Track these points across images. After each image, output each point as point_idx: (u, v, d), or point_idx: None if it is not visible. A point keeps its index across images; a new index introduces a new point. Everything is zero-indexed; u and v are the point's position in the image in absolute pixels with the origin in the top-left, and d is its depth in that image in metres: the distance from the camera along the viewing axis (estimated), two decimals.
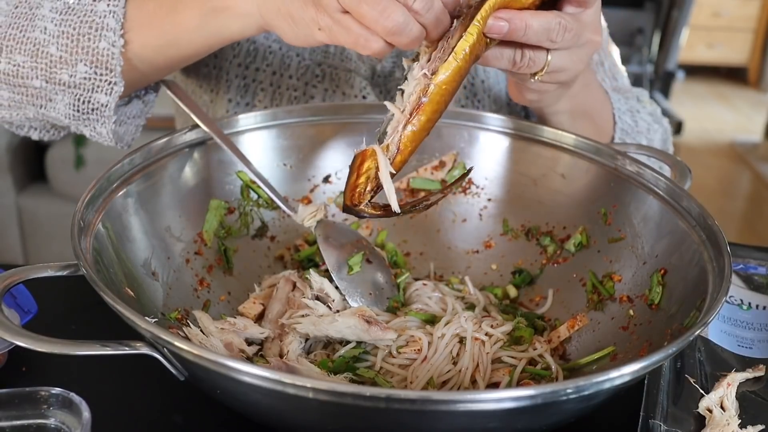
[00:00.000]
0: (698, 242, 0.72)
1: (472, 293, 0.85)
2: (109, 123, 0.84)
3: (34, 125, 0.91)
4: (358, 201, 0.68)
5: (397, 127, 0.68)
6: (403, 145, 0.68)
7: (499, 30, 0.70)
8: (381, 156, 0.67)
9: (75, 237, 0.64)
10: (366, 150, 0.68)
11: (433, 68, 0.68)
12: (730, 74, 5.49)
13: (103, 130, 0.85)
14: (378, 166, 0.67)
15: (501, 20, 0.69)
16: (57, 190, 2.43)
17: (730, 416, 0.64)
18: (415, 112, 0.67)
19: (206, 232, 0.83)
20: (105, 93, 0.82)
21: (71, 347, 0.57)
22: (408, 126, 0.68)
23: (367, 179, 0.68)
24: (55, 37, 0.80)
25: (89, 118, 0.84)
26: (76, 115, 0.84)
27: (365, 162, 0.68)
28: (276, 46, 1.04)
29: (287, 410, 0.58)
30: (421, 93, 0.67)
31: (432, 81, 0.67)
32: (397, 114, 0.68)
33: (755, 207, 3.79)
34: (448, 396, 0.53)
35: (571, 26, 0.74)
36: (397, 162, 0.68)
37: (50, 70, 0.81)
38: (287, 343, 0.74)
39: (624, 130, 0.99)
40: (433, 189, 0.92)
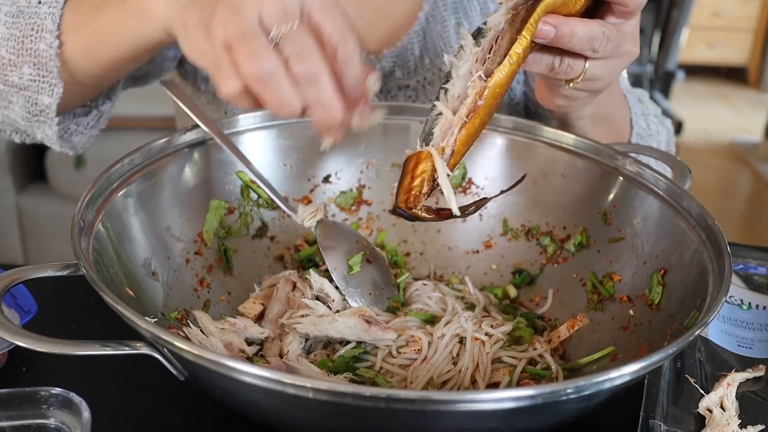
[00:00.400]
0: (698, 242, 0.72)
1: (472, 293, 0.85)
2: (53, 125, 0.85)
3: (8, 128, 0.91)
4: (413, 204, 0.67)
5: (451, 129, 0.67)
6: (457, 148, 0.67)
7: (546, 35, 0.70)
8: (438, 159, 0.66)
9: (75, 237, 0.64)
10: (421, 152, 0.67)
11: (487, 70, 0.67)
12: (730, 74, 5.49)
13: (49, 132, 0.86)
14: (434, 168, 0.67)
15: (548, 25, 0.70)
16: (57, 190, 2.43)
17: (730, 416, 0.64)
18: (472, 114, 0.67)
19: (206, 232, 0.83)
20: (47, 95, 0.82)
21: (71, 347, 0.57)
22: (464, 129, 0.67)
23: (423, 181, 0.67)
24: (5, 40, 0.81)
25: (38, 120, 0.85)
26: (27, 116, 0.85)
27: (420, 164, 0.67)
28: None
29: (287, 410, 0.58)
30: (477, 96, 0.66)
31: (488, 84, 0.66)
32: (448, 115, 0.67)
33: (755, 207, 3.79)
34: (448, 396, 0.53)
35: (614, 37, 0.74)
36: (451, 164, 0.68)
37: (3, 72, 0.82)
38: (287, 343, 0.74)
39: (639, 134, 0.99)
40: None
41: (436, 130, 0.68)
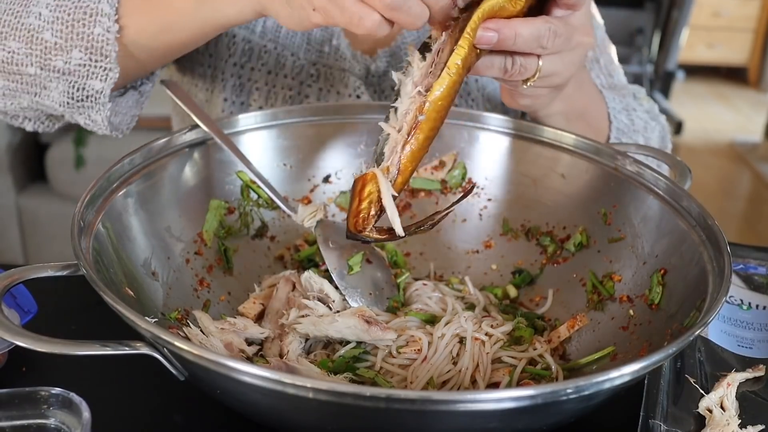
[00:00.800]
0: (698, 242, 0.72)
1: (472, 293, 0.85)
2: (105, 110, 0.84)
3: (28, 115, 0.90)
4: (362, 227, 0.67)
5: (395, 147, 0.67)
6: (403, 165, 0.67)
7: (489, 41, 0.69)
8: (382, 179, 0.66)
9: (75, 237, 0.64)
10: (366, 174, 0.67)
11: (427, 84, 0.66)
12: (730, 74, 5.49)
13: (98, 118, 0.85)
14: (380, 190, 0.66)
15: (490, 31, 0.69)
16: (57, 190, 2.43)
17: (730, 416, 0.64)
18: (413, 131, 0.66)
19: (206, 232, 0.83)
20: (100, 79, 0.81)
21: (71, 347, 0.57)
22: (407, 146, 0.67)
23: (370, 203, 0.67)
24: (49, 23, 0.80)
25: (84, 105, 0.84)
26: (71, 102, 0.83)
27: (366, 186, 0.67)
28: (271, 46, 1.04)
29: (287, 410, 0.58)
30: (417, 111, 0.66)
31: (427, 98, 0.66)
32: (393, 134, 0.67)
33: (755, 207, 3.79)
34: (448, 396, 0.53)
35: (561, 31, 0.73)
36: (398, 183, 0.67)
37: (45, 57, 0.81)
38: (287, 343, 0.74)
39: (620, 129, 0.99)
40: (433, 189, 0.92)
41: (386, 150, 0.68)
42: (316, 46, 1.05)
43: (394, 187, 0.67)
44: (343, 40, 1.05)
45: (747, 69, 5.43)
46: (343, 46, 1.05)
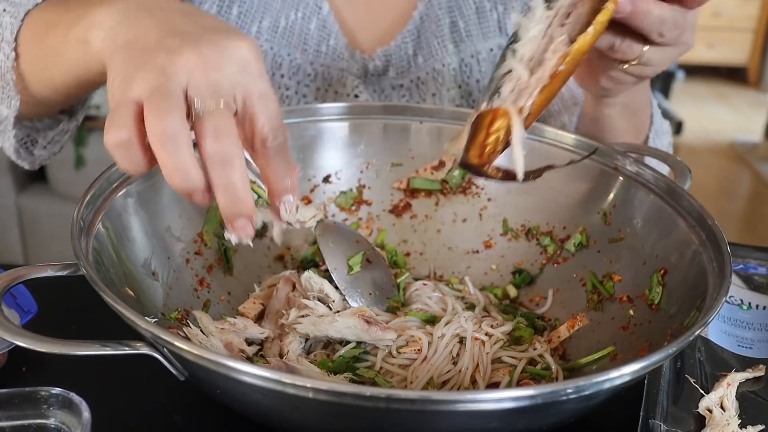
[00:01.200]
0: (698, 242, 0.72)
1: (472, 293, 0.85)
2: (10, 137, 0.84)
3: None
4: (486, 161, 0.66)
5: (527, 90, 0.66)
6: (534, 109, 0.66)
7: (624, 7, 0.69)
8: (516, 118, 0.65)
9: (75, 237, 0.64)
10: (498, 109, 0.65)
11: (572, 35, 0.66)
12: (730, 74, 5.49)
13: (6, 144, 0.85)
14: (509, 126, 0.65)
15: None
16: (57, 190, 2.43)
17: (730, 416, 0.64)
18: (553, 78, 0.66)
19: (206, 232, 0.83)
20: (6, 106, 0.81)
21: (71, 347, 0.57)
22: (543, 91, 0.66)
23: (497, 139, 0.65)
24: None
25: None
26: None
27: (496, 121, 0.65)
28: (267, 46, 1.04)
29: (287, 410, 0.58)
30: (560, 60, 0.65)
31: (571, 49, 0.65)
32: (523, 75, 0.66)
33: (755, 207, 3.79)
34: (448, 396, 0.53)
35: (680, 23, 0.73)
36: (525, 125, 0.66)
37: None
38: (287, 343, 0.74)
39: (656, 130, 0.99)
40: (433, 189, 0.92)
41: (504, 89, 0.66)
42: (314, 45, 1.05)
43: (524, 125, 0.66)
44: (341, 39, 1.05)
45: (747, 69, 5.43)
46: (341, 46, 1.05)
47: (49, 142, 0.90)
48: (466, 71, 1.07)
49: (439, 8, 1.06)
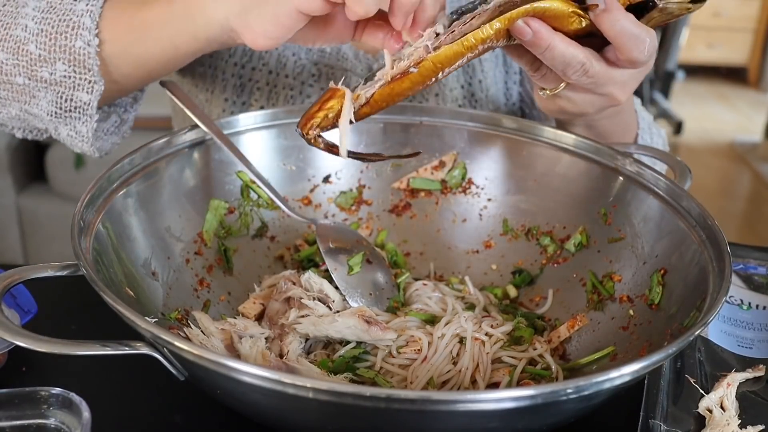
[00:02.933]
0: (698, 242, 0.72)
1: (472, 293, 0.85)
2: (91, 122, 0.84)
3: (17, 124, 0.90)
4: (307, 131, 0.70)
5: (377, 82, 0.69)
6: (374, 100, 0.69)
7: (521, 33, 0.70)
8: (347, 102, 0.69)
9: (75, 237, 0.64)
10: (338, 89, 0.69)
11: (437, 44, 0.69)
12: (730, 74, 5.49)
13: (83, 129, 0.85)
14: (341, 108, 0.69)
15: (529, 27, 0.70)
16: (57, 190, 2.43)
17: (730, 416, 0.64)
18: (400, 76, 0.69)
19: (206, 232, 0.83)
20: (86, 91, 0.82)
21: (71, 347, 0.57)
22: (387, 86, 0.69)
23: (326, 116, 0.69)
24: (34, 35, 0.81)
25: (71, 116, 0.84)
26: (59, 112, 0.84)
27: (332, 99, 0.69)
28: None
29: (287, 410, 0.58)
30: (413, 63, 0.69)
31: (429, 56, 0.68)
32: (387, 68, 0.70)
33: (755, 207, 3.79)
34: (448, 396, 0.53)
35: (594, 73, 0.73)
36: (361, 112, 0.70)
37: (31, 68, 0.81)
38: (287, 343, 0.74)
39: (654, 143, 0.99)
40: (433, 189, 0.92)
41: (377, 75, 0.70)
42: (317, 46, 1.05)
43: (358, 113, 0.70)
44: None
45: (747, 69, 5.43)
46: (345, 46, 1.05)
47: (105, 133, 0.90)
48: (468, 71, 1.07)
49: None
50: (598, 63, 0.73)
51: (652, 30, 0.74)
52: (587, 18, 0.72)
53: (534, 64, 0.77)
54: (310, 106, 0.70)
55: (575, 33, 0.73)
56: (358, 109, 0.70)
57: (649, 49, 0.73)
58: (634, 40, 0.71)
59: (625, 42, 0.72)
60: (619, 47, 0.72)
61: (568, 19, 0.71)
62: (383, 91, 0.69)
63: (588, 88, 0.76)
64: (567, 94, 0.77)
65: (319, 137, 0.70)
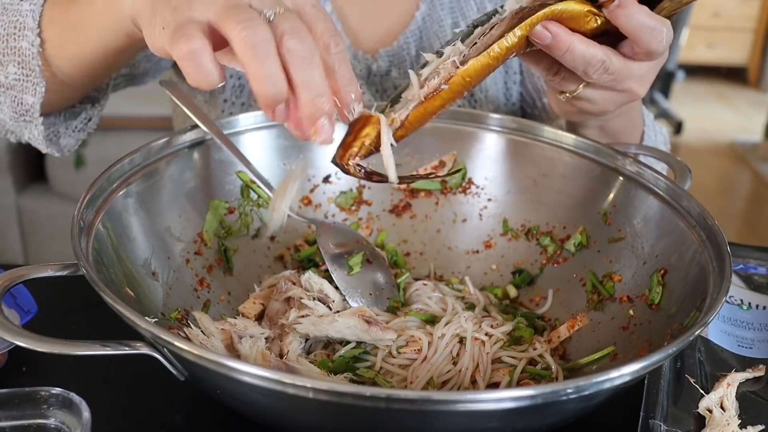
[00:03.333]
0: (698, 242, 0.72)
1: (472, 293, 0.85)
2: (38, 125, 0.83)
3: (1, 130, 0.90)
4: (346, 161, 0.67)
5: (409, 104, 0.67)
6: (408, 122, 0.68)
7: (542, 38, 0.70)
8: (385, 127, 0.66)
9: (75, 237, 0.64)
10: (371, 116, 0.66)
11: (464, 58, 0.68)
12: (730, 74, 5.49)
13: (35, 132, 0.85)
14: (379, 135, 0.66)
15: (548, 31, 0.69)
16: (57, 190, 2.43)
17: (730, 416, 0.64)
18: (432, 95, 0.67)
19: (206, 232, 0.83)
20: (31, 94, 0.81)
21: (71, 347, 0.57)
22: (420, 106, 0.67)
23: (362, 144, 0.67)
24: None
25: (24, 120, 0.84)
26: (15, 116, 0.83)
27: (366, 127, 0.67)
28: None
29: (287, 410, 0.58)
30: (443, 80, 0.67)
31: (458, 71, 0.67)
32: (415, 89, 0.68)
33: (755, 207, 3.79)
34: (448, 396, 0.53)
35: (614, 69, 0.73)
36: (398, 136, 0.68)
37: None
38: (287, 343, 0.74)
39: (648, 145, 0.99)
40: (433, 189, 0.92)
41: (403, 97, 0.68)
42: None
43: (394, 136, 0.67)
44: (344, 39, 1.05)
45: (747, 69, 5.42)
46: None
47: (73, 131, 0.89)
48: None
49: (441, 9, 1.06)
50: (617, 59, 0.73)
51: (667, 20, 0.74)
52: (602, 16, 0.72)
53: (552, 68, 0.76)
54: (345, 137, 0.67)
55: (592, 32, 0.73)
56: (393, 132, 0.67)
57: (667, 38, 0.73)
58: (651, 31, 0.71)
59: (642, 35, 0.71)
60: (637, 41, 0.72)
61: (585, 18, 0.72)
62: (417, 112, 0.67)
63: (608, 85, 0.76)
64: (587, 94, 0.77)
65: (358, 166, 0.67)
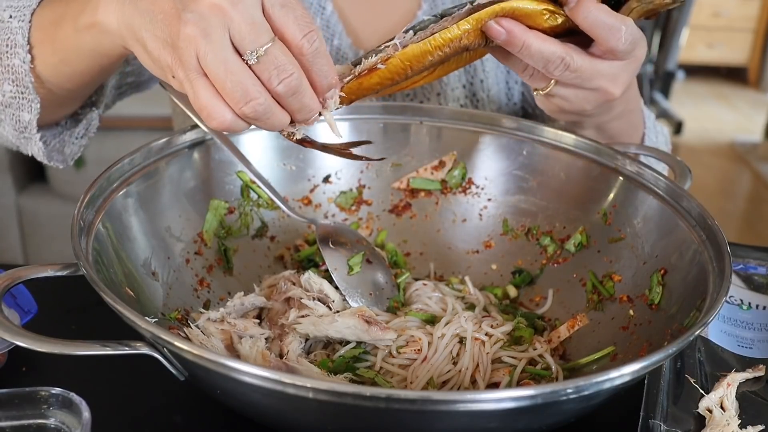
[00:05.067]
0: (698, 242, 0.72)
1: (472, 293, 0.85)
2: (37, 141, 0.83)
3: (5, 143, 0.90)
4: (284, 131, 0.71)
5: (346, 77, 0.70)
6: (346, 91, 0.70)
7: (496, 35, 0.71)
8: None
9: (75, 237, 0.64)
10: None
11: (407, 42, 0.70)
12: (730, 74, 5.49)
13: (34, 149, 0.85)
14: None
15: (501, 27, 0.70)
16: (57, 190, 2.43)
17: (730, 416, 0.64)
18: (368, 72, 0.70)
19: (206, 232, 0.83)
20: (27, 111, 0.81)
21: (71, 347, 0.57)
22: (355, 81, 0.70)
23: None
24: None
25: (24, 137, 0.84)
26: (16, 134, 0.84)
27: None
28: None
29: (287, 410, 0.58)
30: (380, 59, 0.70)
31: (395, 54, 0.70)
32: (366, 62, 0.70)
33: (755, 207, 3.79)
34: (448, 396, 0.53)
35: (576, 66, 0.73)
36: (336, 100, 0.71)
37: None
38: (287, 343, 0.74)
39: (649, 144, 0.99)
40: (433, 189, 0.92)
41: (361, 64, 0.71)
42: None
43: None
44: (345, 39, 1.05)
45: (747, 69, 5.43)
46: (345, 46, 1.05)
47: (76, 138, 0.90)
48: (470, 71, 1.07)
49: (442, 7, 1.06)
50: (579, 57, 0.73)
51: (629, 18, 0.74)
52: (562, 14, 0.73)
53: (520, 64, 0.76)
54: None
55: (553, 30, 0.73)
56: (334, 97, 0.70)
57: (626, 37, 0.72)
58: (608, 29, 0.72)
59: (600, 32, 0.72)
60: (596, 38, 0.72)
61: (541, 16, 0.72)
62: (351, 86, 0.70)
63: (575, 83, 0.76)
64: (559, 91, 0.77)
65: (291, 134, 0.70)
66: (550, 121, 1.06)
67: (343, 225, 0.89)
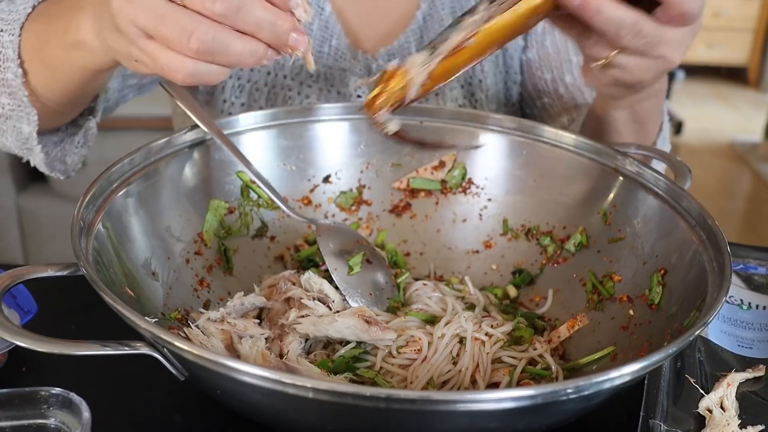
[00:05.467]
0: (698, 242, 0.72)
1: (472, 293, 0.85)
2: (38, 152, 0.84)
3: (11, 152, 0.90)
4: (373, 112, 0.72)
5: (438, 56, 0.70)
6: (436, 74, 0.70)
7: (570, 1, 0.69)
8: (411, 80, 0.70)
9: (75, 237, 0.64)
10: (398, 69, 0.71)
11: (490, 15, 0.70)
12: (730, 74, 5.49)
13: (36, 159, 0.85)
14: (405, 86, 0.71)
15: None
16: (57, 190, 2.43)
17: (730, 416, 0.64)
18: (455, 50, 0.70)
19: (206, 232, 0.83)
20: (26, 123, 0.81)
21: (71, 347, 0.57)
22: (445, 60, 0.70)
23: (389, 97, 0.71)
24: None
25: (26, 147, 0.84)
26: (18, 144, 0.84)
27: (392, 80, 0.71)
28: None
29: (287, 410, 0.58)
30: (467, 35, 0.69)
31: (482, 27, 0.70)
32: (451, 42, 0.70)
33: (755, 207, 3.79)
34: (448, 396, 0.53)
35: (647, 33, 0.72)
36: (424, 88, 0.72)
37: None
38: (287, 343, 0.74)
39: (664, 137, 0.98)
40: (433, 189, 0.92)
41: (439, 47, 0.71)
42: (316, 46, 1.05)
43: (422, 88, 0.72)
44: (343, 40, 1.05)
45: (747, 69, 5.43)
46: (343, 46, 1.05)
47: (77, 147, 0.90)
48: (468, 71, 1.07)
49: (441, 8, 1.06)
50: (649, 23, 0.72)
51: None
52: None
53: (585, 33, 0.75)
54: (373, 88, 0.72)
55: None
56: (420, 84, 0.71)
57: (699, 1, 0.72)
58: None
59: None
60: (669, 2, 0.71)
61: None
62: (444, 65, 0.70)
63: (642, 50, 0.74)
64: (621, 61, 0.75)
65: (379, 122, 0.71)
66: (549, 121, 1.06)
67: (343, 225, 0.89)
